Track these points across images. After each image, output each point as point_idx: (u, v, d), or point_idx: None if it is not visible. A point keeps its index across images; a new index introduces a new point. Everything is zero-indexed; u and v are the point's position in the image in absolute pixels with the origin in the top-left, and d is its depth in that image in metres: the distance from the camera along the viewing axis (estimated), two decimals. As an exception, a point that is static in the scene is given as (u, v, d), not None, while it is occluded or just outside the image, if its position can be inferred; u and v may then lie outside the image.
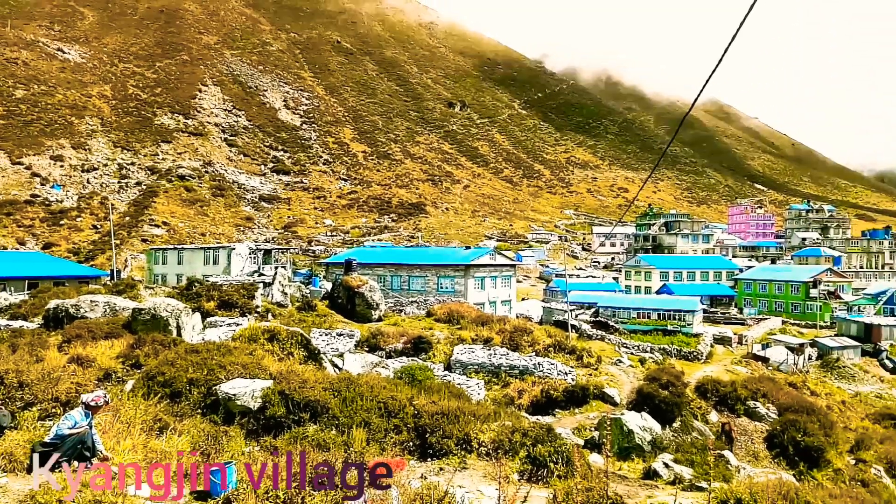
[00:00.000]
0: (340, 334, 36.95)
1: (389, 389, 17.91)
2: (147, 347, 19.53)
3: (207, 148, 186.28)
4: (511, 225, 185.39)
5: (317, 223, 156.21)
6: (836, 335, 68.93)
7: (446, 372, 33.21)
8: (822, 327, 76.01)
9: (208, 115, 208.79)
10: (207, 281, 44.22)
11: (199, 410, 14.84)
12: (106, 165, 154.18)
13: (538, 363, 35.33)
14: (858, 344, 64.86)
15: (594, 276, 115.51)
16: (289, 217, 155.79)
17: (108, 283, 53.33)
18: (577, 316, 69.40)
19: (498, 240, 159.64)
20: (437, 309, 50.47)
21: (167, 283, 58.07)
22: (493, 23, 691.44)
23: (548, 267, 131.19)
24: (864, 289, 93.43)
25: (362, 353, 35.47)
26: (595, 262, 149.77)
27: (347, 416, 14.92)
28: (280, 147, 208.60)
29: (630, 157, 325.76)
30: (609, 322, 67.12)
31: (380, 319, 47.14)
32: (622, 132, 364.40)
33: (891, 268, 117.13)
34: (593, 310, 72.73)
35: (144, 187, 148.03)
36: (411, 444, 15.27)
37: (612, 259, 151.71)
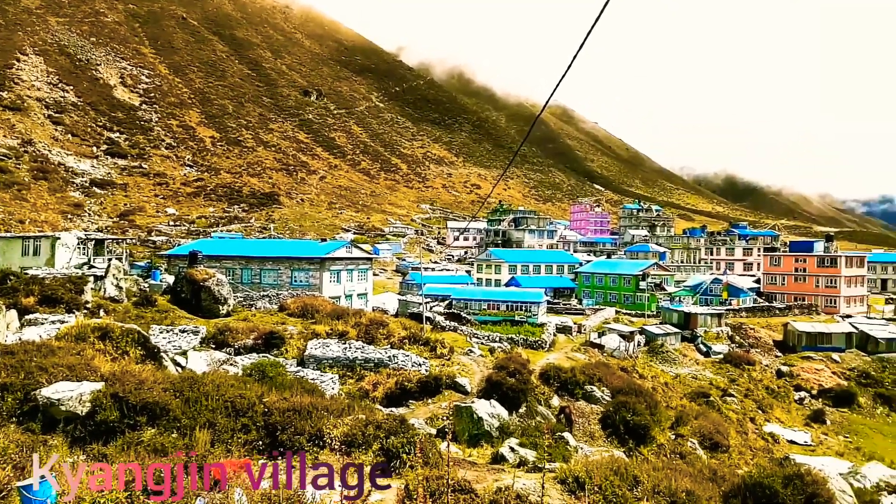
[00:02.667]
0: (184, 331, 34.70)
1: (238, 387, 17.14)
2: (-53, 350, 17.04)
3: (27, 125, 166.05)
4: (368, 218, 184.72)
5: (158, 212, 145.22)
6: (660, 323, 76.35)
7: (300, 367, 32.42)
8: (649, 316, 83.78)
9: (28, 88, 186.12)
10: (26, 274, 39.50)
11: (14, 419, 13.24)
12: None
13: (393, 355, 35.57)
14: (679, 331, 72.35)
15: (448, 270, 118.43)
16: (125, 205, 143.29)
17: None
18: (431, 308, 70.74)
19: (355, 233, 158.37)
20: (290, 303, 49.08)
21: (-25, 276, 51.02)
22: (350, 11, 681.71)
23: (404, 260, 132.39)
24: (684, 281, 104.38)
25: (208, 350, 33.61)
26: (449, 255, 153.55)
27: (190, 418, 14.07)
28: (115, 128, 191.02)
29: (483, 155, 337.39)
30: (462, 314, 69.17)
31: (228, 314, 44.93)
32: (476, 130, 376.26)
33: (706, 262, 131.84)
34: (447, 302, 74.55)
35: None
36: (261, 442, 14.74)
37: (466, 253, 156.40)
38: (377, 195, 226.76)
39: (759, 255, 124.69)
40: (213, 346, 35.10)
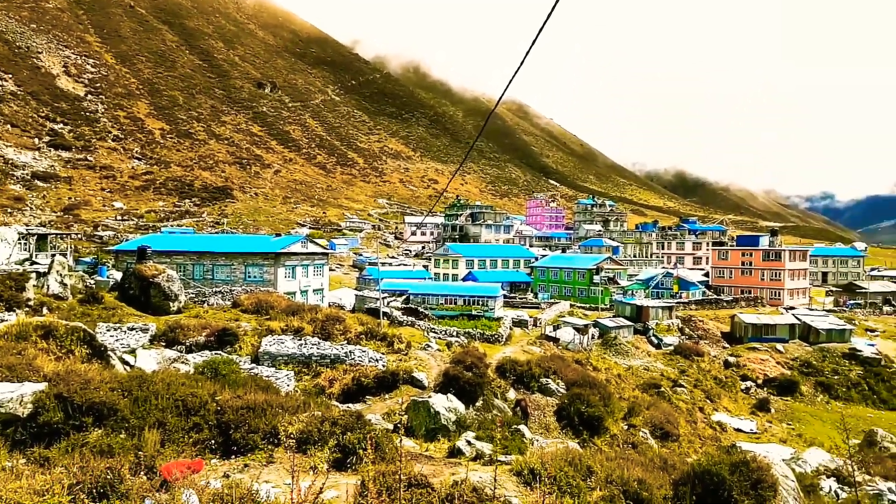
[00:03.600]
0: (133, 329, 33.72)
1: (189, 386, 16.74)
2: None
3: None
4: (324, 213, 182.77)
5: (105, 206, 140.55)
6: (614, 316, 77.87)
7: (254, 365, 31.90)
8: (603, 309, 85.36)
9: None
10: (-38, 271, 37.74)
11: (-52, 423, 12.62)
12: None
13: (350, 351, 35.33)
14: (631, 323, 73.95)
15: (406, 265, 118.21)
16: (70, 198, 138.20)
17: None
18: (388, 303, 70.51)
19: (311, 227, 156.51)
20: (244, 299, 48.19)
21: None
22: (305, 2, 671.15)
23: (361, 255, 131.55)
24: (636, 275, 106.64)
25: (159, 348, 32.74)
26: (407, 250, 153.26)
27: (139, 418, 13.68)
28: (59, 119, 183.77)
29: (440, 150, 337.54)
30: (419, 308, 69.16)
31: (179, 311, 43.84)
32: (433, 124, 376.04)
33: (657, 257, 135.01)
34: (404, 297, 74.41)
35: None
36: (213, 442, 14.44)
37: (423, 248, 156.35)
38: (333, 189, 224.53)
39: (707, 250, 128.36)
40: (164, 344, 34.22)
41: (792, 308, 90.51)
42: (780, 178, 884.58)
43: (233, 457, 14.21)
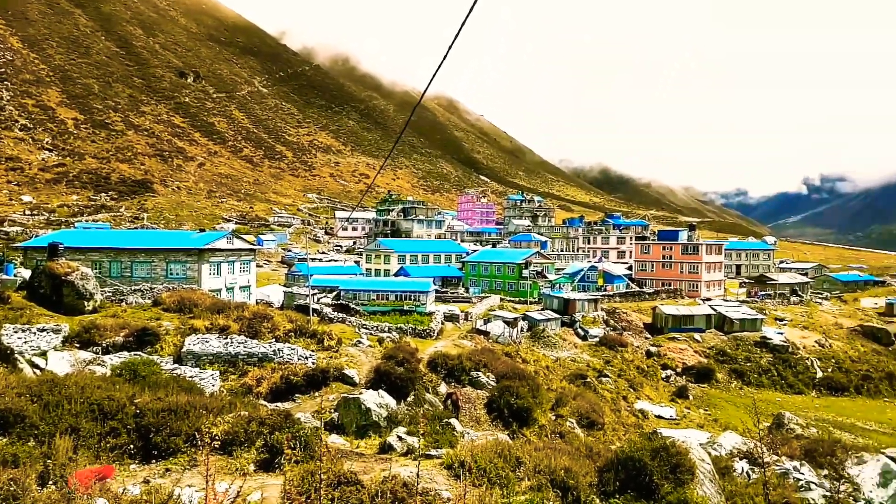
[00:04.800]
0: (43, 330, 31.80)
1: (106, 389, 15.99)
2: None
3: None
4: (251, 207, 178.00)
5: (12, 200, 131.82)
6: (542, 309, 79.53)
7: (177, 365, 30.73)
8: (532, 303, 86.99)
9: None
10: None
11: None
12: None
13: (278, 349, 34.59)
14: (559, 316, 75.75)
15: (336, 260, 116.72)
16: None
17: None
18: (318, 300, 69.43)
19: (237, 222, 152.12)
20: (166, 297, 46.31)
21: None
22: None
23: (290, 251, 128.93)
24: (563, 269, 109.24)
25: (72, 349, 31.05)
26: (338, 246, 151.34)
27: (50, 424, 12.94)
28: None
29: (372, 144, 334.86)
30: (350, 304, 68.47)
31: (95, 311, 41.67)
32: (364, 118, 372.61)
33: (584, 251, 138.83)
34: (335, 293, 73.47)
35: None
36: (132, 446, 13.85)
37: (355, 243, 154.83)
38: (261, 184, 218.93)
39: (631, 244, 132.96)
40: (78, 346, 32.47)
41: (708, 299, 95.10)
42: (698, 175, 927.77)
43: (153, 461, 13.69)
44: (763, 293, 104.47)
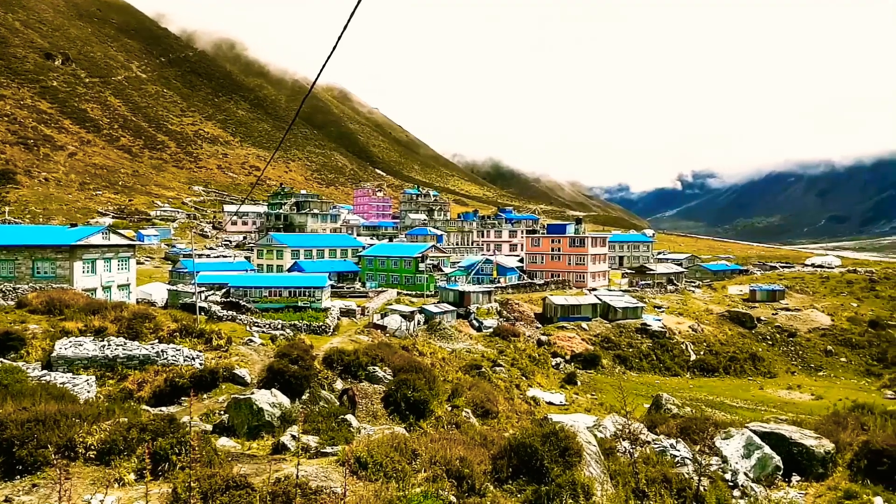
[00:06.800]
0: None
1: (-41, 400, 14.44)
2: None
3: None
4: (131, 200, 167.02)
5: None
6: (438, 302, 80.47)
7: (46, 371, 28.28)
8: (428, 296, 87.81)
9: None
10: None
11: None
12: None
13: (162, 350, 32.74)
14: (455, 308, 76.99)
15: (225, 256, 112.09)
16: None
17: None
18: (206, 297, 66.47)
19: (114, 217, 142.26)
20: (32, 298, 42.46)
21: None
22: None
23: (174, 247, 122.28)
24: (459, 262, 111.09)
25: (-81, 358, 27.79)
26: (227, 241, 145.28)
27: None
28: None
29: (262, 135, 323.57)
30: (241, 302, 66.10)
31: (-53, 314, 37.52)
32: (254, 108, 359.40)
33: (478, 244, 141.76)
34: (224, 290, 70.60)
35: None
36: (-8, 462, 12.61)
37: (245, 238, 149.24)
38: (141, 175, 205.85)
39: (522, 237, 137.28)
40: (-74, 354, 29.12)
41: (594, 289, 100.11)
42: (584, 171, 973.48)
43: (17, 477, 12.57)
44: (643, 283, 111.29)
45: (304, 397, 28.76)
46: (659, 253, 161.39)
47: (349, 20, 7.99)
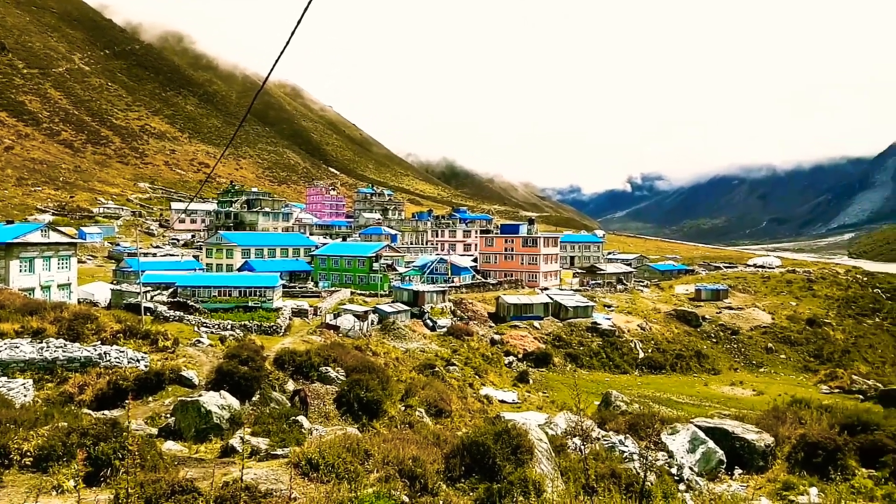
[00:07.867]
0: None
1: None
2: None
3: None
4: (72, 197, 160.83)
5: None
6: (392, 302, 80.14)
7: (-22, 375, 26.99)
8: (382, 295, 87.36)
9: None
10: None
11: None
12: None
13: (104, 352, 31.63)
14: (409, 308, 76.82)
15: (173, 255, 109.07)
16: None
17: None
18: (152, 297, 64.57)
19: (54, 213, 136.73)
20: (-37, 298, 40.48)
21: None
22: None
23: (118, 245, 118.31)
24: (413, 261, 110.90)
25: None
26: (174, 239, 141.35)
27: None
28: None
29: (212, 132, 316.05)
30: (189, 302, 64.45)
31: None
32: (203, 104, 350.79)
33: (432, 244, 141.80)
34: (171, 290, 68.70)
35: None
36: (-82, 472, 11.96)
37: (193, 236, 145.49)
38: (83, 171, 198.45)
39: (476, 237, 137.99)
40: None
41: (546, 289, 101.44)
42: (536, 172, 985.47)
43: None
44: (594, 282, 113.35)
45: (254, 399, 28.26)
46: (609, 253, 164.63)
47: (302, 15, 7.87)
